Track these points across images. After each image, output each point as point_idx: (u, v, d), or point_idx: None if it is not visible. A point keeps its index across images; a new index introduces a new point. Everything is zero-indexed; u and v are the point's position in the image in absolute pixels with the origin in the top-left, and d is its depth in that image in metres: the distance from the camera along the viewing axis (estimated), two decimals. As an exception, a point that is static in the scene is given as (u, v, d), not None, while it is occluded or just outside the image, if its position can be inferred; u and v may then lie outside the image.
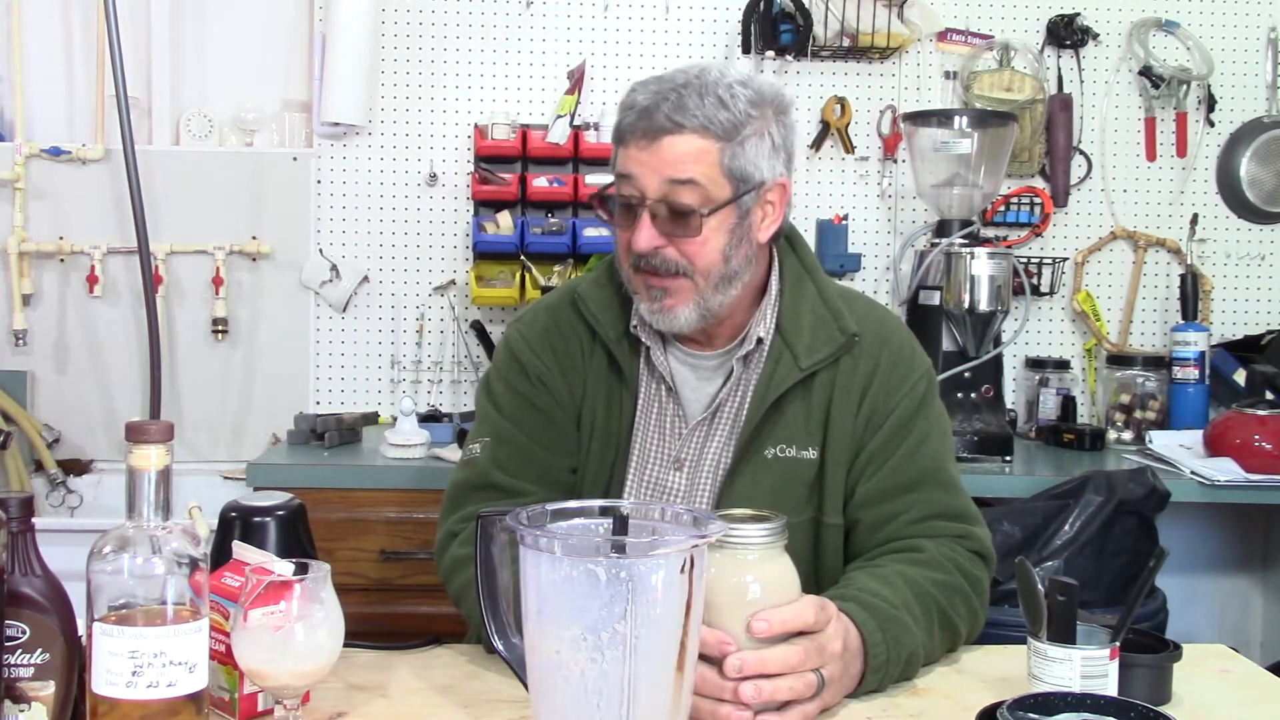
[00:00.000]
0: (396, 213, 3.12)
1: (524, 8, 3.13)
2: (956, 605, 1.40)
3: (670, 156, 1.40)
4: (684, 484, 1.53)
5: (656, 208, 1.42)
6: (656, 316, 1.47)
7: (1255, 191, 3.29)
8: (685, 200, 1.41)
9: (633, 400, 1.54)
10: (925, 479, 1.49)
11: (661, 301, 1.46)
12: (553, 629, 1.02)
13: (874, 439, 1.50)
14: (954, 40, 3.22)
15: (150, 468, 1.03)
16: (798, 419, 1.50)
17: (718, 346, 1.54)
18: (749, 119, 1.42)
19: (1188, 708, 1.26)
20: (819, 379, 1.50)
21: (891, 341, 1.54)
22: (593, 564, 1.00)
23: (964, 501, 1.52)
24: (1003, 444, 2.72)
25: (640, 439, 1.55)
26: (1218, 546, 3.27)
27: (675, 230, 1.42)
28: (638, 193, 1.43)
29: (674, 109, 1.40)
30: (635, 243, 1.43)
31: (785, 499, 1.48)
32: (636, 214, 1.43)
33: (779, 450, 1.50)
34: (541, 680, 1.04)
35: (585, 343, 1.57)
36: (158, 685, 1.01)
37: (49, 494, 2.94)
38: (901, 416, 1.50)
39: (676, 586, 1.02)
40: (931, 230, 2.95)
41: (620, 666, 1.00)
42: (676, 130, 1.40)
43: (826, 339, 1.51)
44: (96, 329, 3.06)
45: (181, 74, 3.10)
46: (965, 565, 1.44)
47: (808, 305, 1.53)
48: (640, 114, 1.42)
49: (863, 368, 1.51)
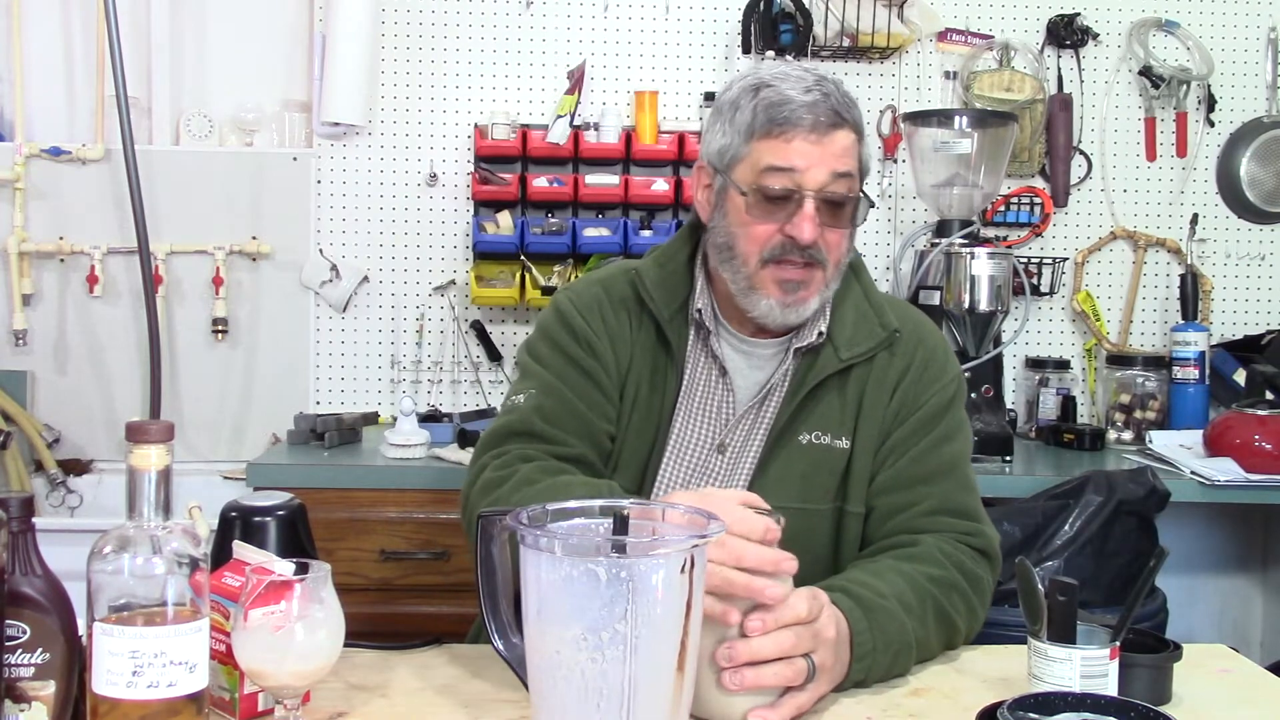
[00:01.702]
0: (396, 213, 3.12)
1: (524, 8, 3.13)
2: (954, 601, 1.40)
3: (838, 149, 1.46)
4: (725, 468, 1.55)
5: (818, 199, 1.46)
6: (789, 310, 1.49)
7: (1255, 191, 3.30)
8: (844, 192, 1.47)
9: (678, 379, 1.56)
10: (942, 474, 1.52)
11: (797, 294, 1.48)
12: (553, 629, 1.02)
13: (899, 429, 1.53)
14: (954, 40, 3.22)
15: (150, 468, 1.03)
16: (833, 408, 1.53)
17: (774, 336, 1.56)
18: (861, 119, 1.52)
19: (1188, 708, 1.26)
20: (855, 371, 1.54)
21: (927, 343, 1.59)
22: (593, 564, 1.00)
23: (976, 502, 1.54)
24: (1003, 444, 2.72)
25: (683, 419, 1.56)
26: (1218, 546, 3.27)
27: (833, 220, 1.47)
28: (797, 185, 1.46)
29: (839, 104, 1.46)
30: (801, 232, 1.45)
31: (815, 486, 1.52)
32: (794, 205, 1.46)
33: (814, 437, 1.53)
34: (541, 680, 1.04)
35: (634, 316, 1.58)
36: (158, 685, 1.01)
37: (49, 494, 2.94)
38: (929, 412, 1.54)
39: (677, 586, 1.02)
40: (931, 230, 2.95)
41: (620, 666, 1.00)
42: (842, 125, 1.47)
43: (868, 334, 1.55)
44: (96, 329, 3.06)
45: (181, 74, 3.10)
46: (965, 562, 1.45)
47: (851, 302, 1.57)
48: (805, 108, 1.45)
49: (897, 363, 1.55)
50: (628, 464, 1.55)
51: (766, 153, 1.46)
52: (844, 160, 1.46)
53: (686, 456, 1.56)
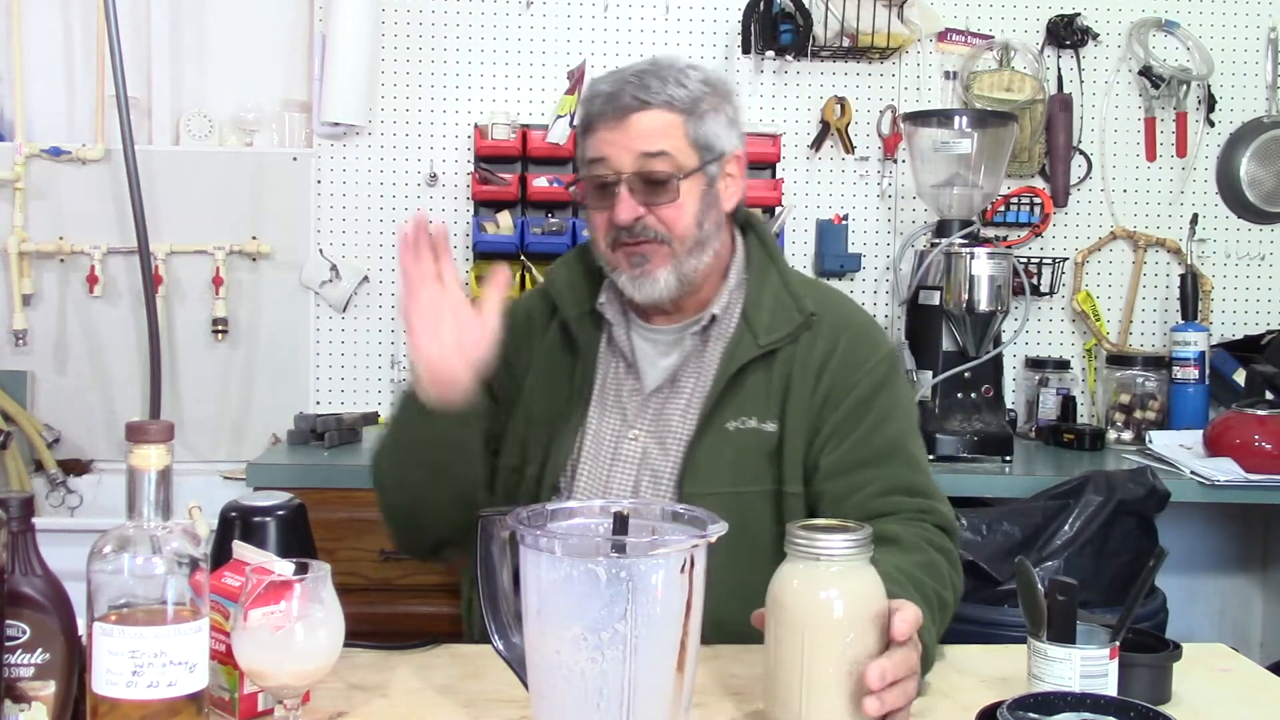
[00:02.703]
0: (396, 213, 3.12)
1: (524, 8, 3.13)
2: (943, 581, 1.41)
3: (639, 132, 1.52)
4: (640, 451, 1.59)
5: (632, 181, 1.52)
6: (639, 283, 1.56)
7: (1255, 191, 3.29)
8: (658, 169, 1.52)
9: (588, 375, 1.62)
10: (886, 455, 1.54)
11: (643, 267, 1.55)
12: (553, 629, 1.02)
13: (834, 415, 1.56)
14: (954, 40, 3.22)
15: (150, 468, 1.03)
16: (758, 392, 1.57)
17: (677, 321, 1.62)
18: (704, 95, 1.56)
19: (1188, 707, 1.26)
20: (780, 355, 1.58)
21: (851, 326, 1.62)
22: (593, 564, 1.00)
23: (925, 479, 1.56)
24: (1003, 444, 2.72)
25: (598, 409, 1.62)
26: (1218, 546, 3.27)
27: (654, 199, 1.53)
28: (612, 171, 1.53)
29: (638, 89, 1.52)
30: (617, 215, 1.53)
31: (746, 469, 1.55)
32: (614, 191, 1.53)
33: (740, 422, 1.56)
34: (541, 680, 1.04)
35: (539, 327, 1.67)
36: (158, 685, 1.01)
37: (49, 494, 2.93)
38: (861, 395, 1.56)
39: (676, 586, 1.02)
40: (931, 230, 2.95)
41: (620, 666, 1.00)
42: (643, 107, 1.52)
43: (786, 319, 1.58)
44: (96, 329, 3.05)
45: (181, 74, 3.10)
46: (935, 540, 1.47)
47: (770, 290, 1.61)
48: (607, 99, 1.53)
49: (821, 347, 1.58)
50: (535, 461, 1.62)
51: (587, 147, 1.57)
52: (650, 140, 1.51)
53: (603, 444, 1.61)
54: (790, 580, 1.12)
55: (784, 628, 1.11)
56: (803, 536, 1.11)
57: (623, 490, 1.58)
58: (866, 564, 1.13)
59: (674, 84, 1.53)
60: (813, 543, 1.11)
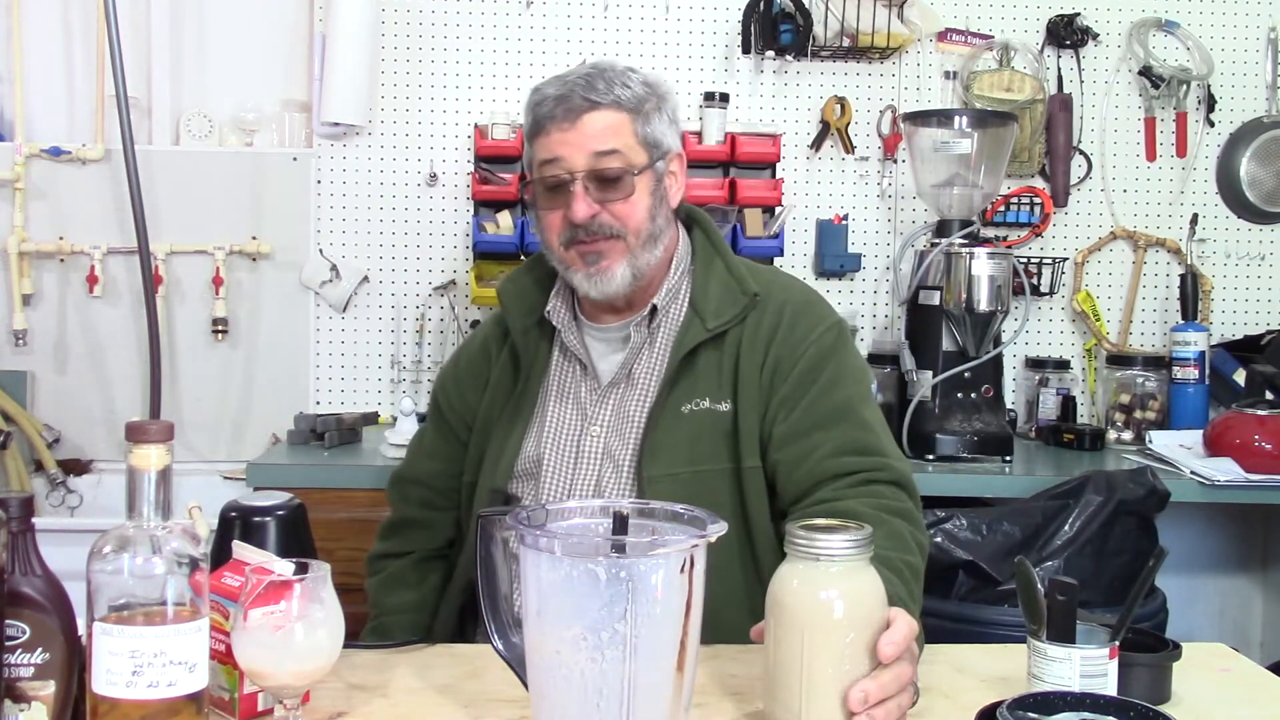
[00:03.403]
0: (396, 213, 3.12)
1: (524, 8, 3.13)
2: (908, 547, 1.41)
3: (592, 131, 1.57)
4: (600, 446, 1.62)
5: (587, 179, 1.57)
6: (594, 279, 1.59)
7: (1255, 191, 3.29)
8: (611, 166, 1.57)
9: (540, 380, 1.67)
10: (836, 418, 1.56)
11: (598, 264, 1.58)
12: (553, 629, 1.02)
13: (783, 386, 1.59)
14: (954, 40, 3.22)
15: (150, 468, 1.03)
16: (709, 374, 1.60)
17: (626, 318, 1.66)
18: (648, 95, 1.61)
19: (1187, 707, 1.26)
20: (729, 337, 1.62)
21: (794, 299, 1.66)
22: (593, 564, 1.00)
23: (877, 438, 1.58)
24: (1003, 444, 2.72)
25: (557, 411, 1.66)
26: (1218, 546, 3.27)
27: (608, 195, 1.58)
28: (566, 171, 1.57)
29: (586, 90, 1.57)
30: (574, 213, 1.57)
31: (703, 449, 1.58)
32: (568, 190, 1.57)
33: (694, 404, 1.59)
34: (541, 680, 1.04)
35: (495, 348, 1.74)
36: (158, 685, 1.01)
37: (49, 494, 2.94)
38: (808, 363, 1.59)
39: (676, 586, 1.02)
40: (931, 230, 2.94)
41: (620, 666, 1.00)
42: (593, 108, 1.57)
43: (731, 302, 1.63)
44: (96, 329, 3.06)
45: (181, 74, 3.10)
46: (891, 504, 1.48)
47: (716, 277, 1.66)
48: (556, 101, 1.58)
49: (766, 323, 1.62)
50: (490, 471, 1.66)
51: (538, 150, 1.61)
52: (602, 139, 1.56)
53: (565, 444, 1.64)
54: (790, 580, 1.12)
55: (784, 628, 1.11)
56: (802, 537, 1.11)
57: (586, 486, 1.60)
58: (866, 564, 1.13)
59: (619, 85, 1.58)
60: (812, 543, 1.11)
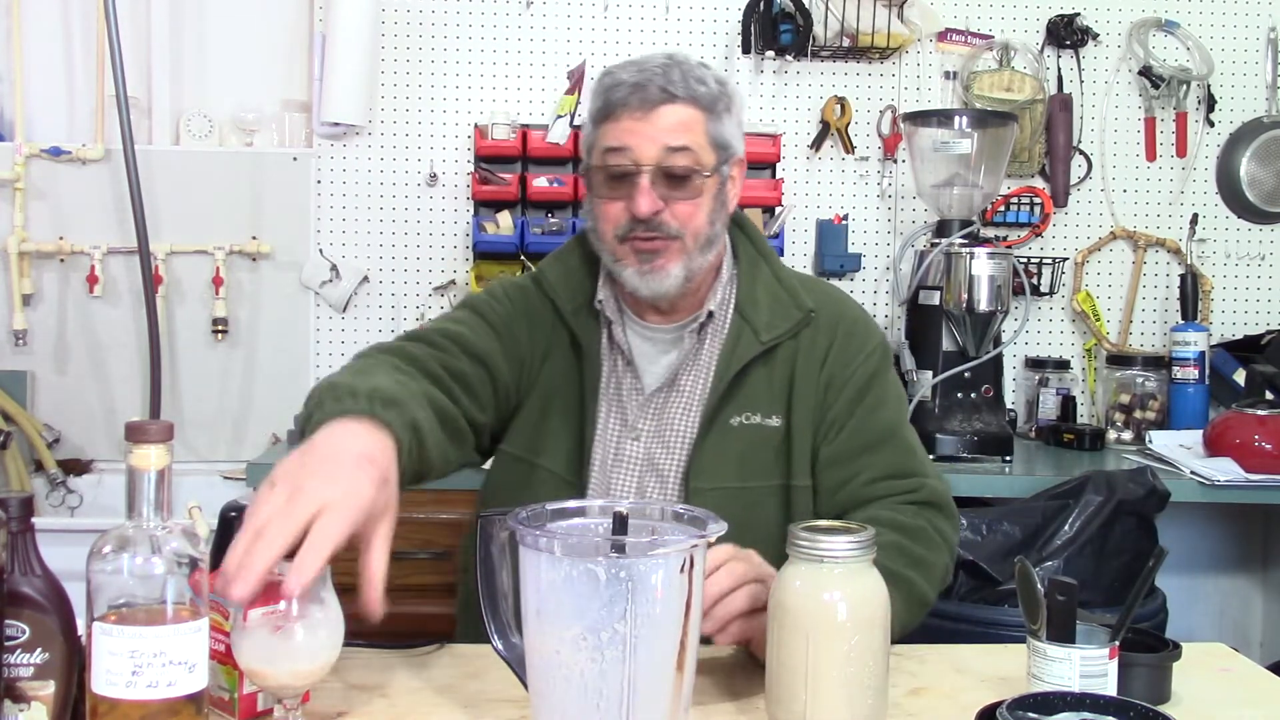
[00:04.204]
0: (396, 213, 3.12)
1: (524, 8, 3.13)
2: (894, 559, 1.37)
3: (666, 125, 1.51)
4: (642, 452, 1.58)
5: (654, 174, 1.51)
6: (648, 278, 1.54)
7: (1255, 191, 3.29)
8: (682, 164, 1.51)
9: (595, 374, 1.60)
10: (881, 441, 1.56)
11: (653, 262, 1.53)
12: (553, 629, 1.02)
13: (835, 405, 1.57)
14: (954, 40, 3.22)
15: (150, 468, 1.03)
16: (760, 388, 1.58)
17: (675, 320, 1.61)
18: (721, 94, 1.56)
19: (1187, 707, 1.26)
20: (781, 351, 1.59)
21: (846, 316, 1.63)
22: (592, 564, 1.00)
23: (917, 461, 1.58)
24: (1003, 444, 2.72)
25: (604, 411, 1.60)
26: (1218, 546, 3.27)
27: (674, 193, 1.52)
28: (632, 162, 1.51)
29: (665, 81, 1.51)
30: (636, 206, 1.50)
31: (752, 465, 1.56)
32: (632, 181, 1.51)
33: (744, 418, 1.57)
34: (541, 680, 1.04)
35: (550, 321, 1.63)
36: (158, 685, 1.01)
37: (49, 494, 2.94)
38: (858, 382, 1.58)
39: (676, 586, 1.02)
40: (931, 230, 2.95)
41: (620, 666, 1.00)
42: (670, 100, 1.51)
43: (784, 315, 1.60)
44: (96, 329, 3.05)
45: (181, 74, 3.10)
46: (904, 520, 1.47)
47: (763, 285, 1.62)
48: (632, 88, 1.51)
49: (821, 340, 1.60)
50: (554, 460, 1.59)
51: (604, 135, 1.54)
52: (676, 135, 1.50)
53: (608, 445, 1.60)
54: (793, 582, 1.12)
55: (787, 630, 1.11)
56: (805, 538, 1.11)
57: (625, 492, 1.57)
58: (869, 565, 1.13)
59: (696, 81, 1.53)
60: (815, 544, 1.11)
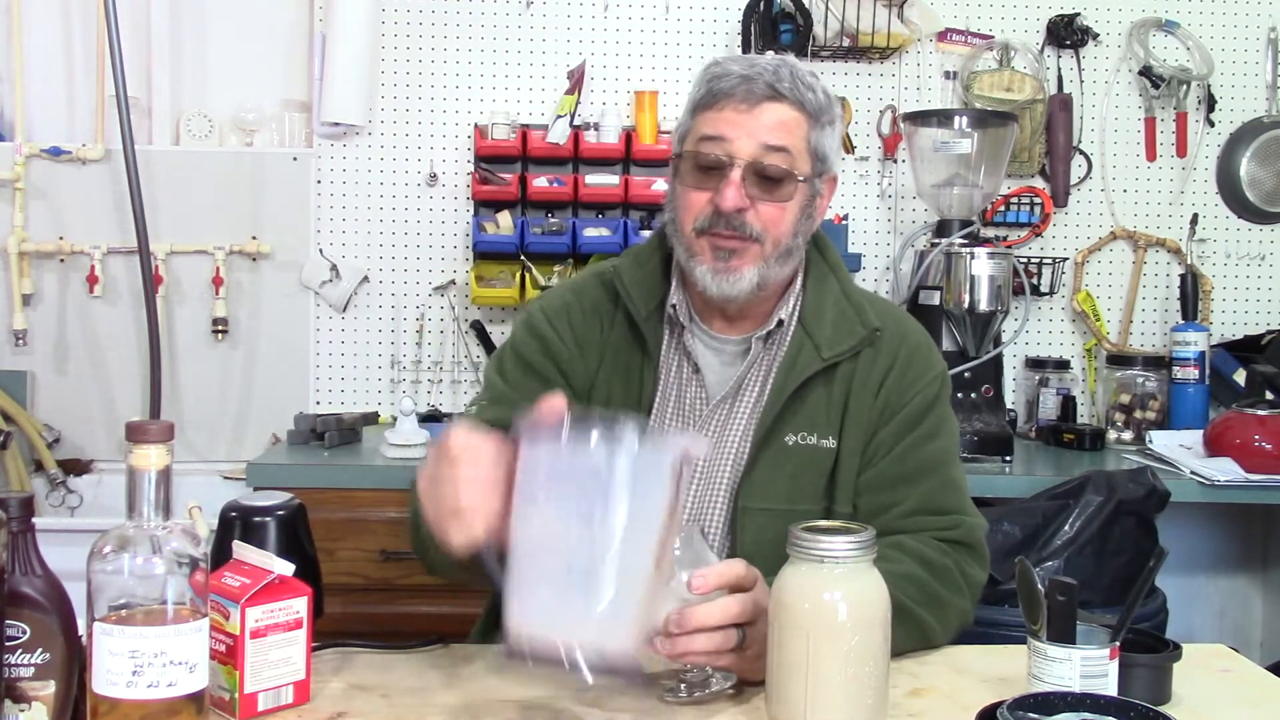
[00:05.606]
0: (396, 213, 3.12)
1: (524, 8, 3.13)
2: (908, 591, 1.36)
3: (769, 121, 1.46)
4: (708, 470, 1.54)
5: (748, 170, 1.46)
6: (721, 278, 1.48)
7: (1255, 191, 3.29)
8: (777, 165, 1.46)
9: (654, 378, 1.56)
10: (925, 473, 1.51)
11: (728, 261, 1.48)
12: (546, 509, 1.07)
13: (885, 429, 1.53)
14: (954, 40, 3.22)
15: (150, 468, 1.03)
16: (819, 407, 1.53)
17: (742, 331, 1.57)
18: (828, 106, 1.51)
19: (1188, 707, 1.26)
20: (840, 370, 1.54)
21: (909, 340, 1.58)
22: (587, 452, 1.07)
23: (959, 499, 1.53)
24: (1003, 444, 2.72)
25: (659, 417, 1.56)
26: (1218, 546, 3.27)
27: (763, 193, 1.47)
28: (727, 154, 1.46)
29: (774, 78, 1.46)
30: (723, 199, 1.45)
31: (802, 487, 1.51)
32: (723, 174, 1.46)
33: (800, 437, 1.52)
34: (522, 560, 1.08)
35: (606, 319, 1.59)
36: (158, 685, 1.01)
37: (49, 494, 2.94)
38: (912, 410, 1.53)
39: (665, 482, 1.07)
40: (931, 230, 2.95)
41: (599, 547, 1.05)
42: (777, 98, 1.46)
43: (849, 332, 1.54)
44: (96, 329, 3.06)
45: (181, 74, 3.10)
46: (931, 555, 1.44)
47: (830, 299, 1.57)
48: (739, 80, 1.46)
49: (882, 362, 1.55)
50: None
51: (702, 123, 1.49)
52: (776, 134, 1.46)
53: None
54: (794, 582, 1.12)
55: (788, 631, 1.11)
56: (806, 538, 1.11)
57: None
58: (870, 566, 1.13)
59: (805, 86, 1.48)
60: (816, 545, 1.11)
